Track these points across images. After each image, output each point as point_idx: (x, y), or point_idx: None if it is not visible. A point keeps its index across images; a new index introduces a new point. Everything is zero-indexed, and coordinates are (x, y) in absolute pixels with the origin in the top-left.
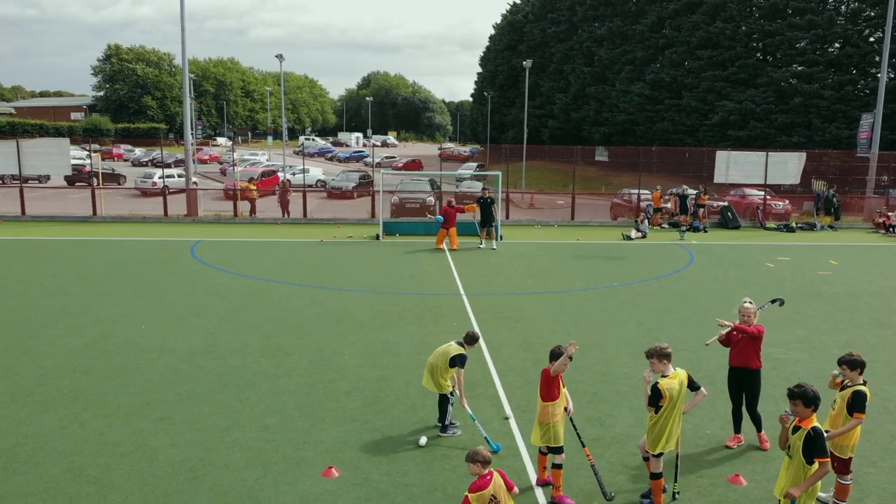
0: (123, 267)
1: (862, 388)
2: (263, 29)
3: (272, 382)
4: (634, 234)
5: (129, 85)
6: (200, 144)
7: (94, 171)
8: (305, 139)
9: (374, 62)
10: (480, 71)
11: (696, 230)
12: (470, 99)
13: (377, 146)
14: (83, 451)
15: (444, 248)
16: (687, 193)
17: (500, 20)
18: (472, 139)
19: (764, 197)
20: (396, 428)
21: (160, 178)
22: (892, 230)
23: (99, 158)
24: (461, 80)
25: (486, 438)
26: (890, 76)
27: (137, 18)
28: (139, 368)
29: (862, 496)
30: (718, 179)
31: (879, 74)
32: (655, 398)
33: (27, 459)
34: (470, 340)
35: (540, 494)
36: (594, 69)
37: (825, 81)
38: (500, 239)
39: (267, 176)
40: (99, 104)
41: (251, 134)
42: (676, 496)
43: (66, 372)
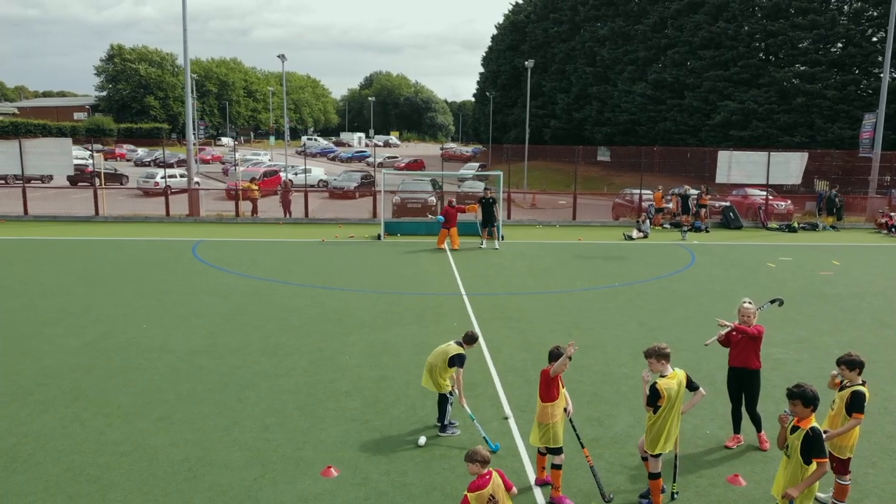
0: (125, 267)
1: (861, 388)
2: (266, 29)
3: (272, 382)
4: (636, 234)
5: (131, 85)
6: (203, 144)
7: (96, 171)
8: (308, 139)
9: (376, 62)
10: (483, 71)
11: (697, 230)
12: (472, 99)
13: (379, 146)
14: (83, 450)
15: (445, 248)
16: (689, 193)
17: (502, 20)
18: (474, 139)
19: (766, 197)
20: (396, 428)
21: (162, 178)
22: (894, 230)
23: (101, 158)
24: (463, 80)
25: (484, 438)
26: (893, 76)
27: (140, 18)
28: (140, 368)
29: (861, 496)
30: (720, 179)
31: (882, 74)
32: (654, 398)
33: (27, 458)
34: (469, 340)
35: (539, 494)
36: (596, 69)
37: (828, 81)
38: (501, 239)
39: (269, 176)
40: (102, 104)
41: (253, 134)
42: (675, 496)
43: (66, 371)
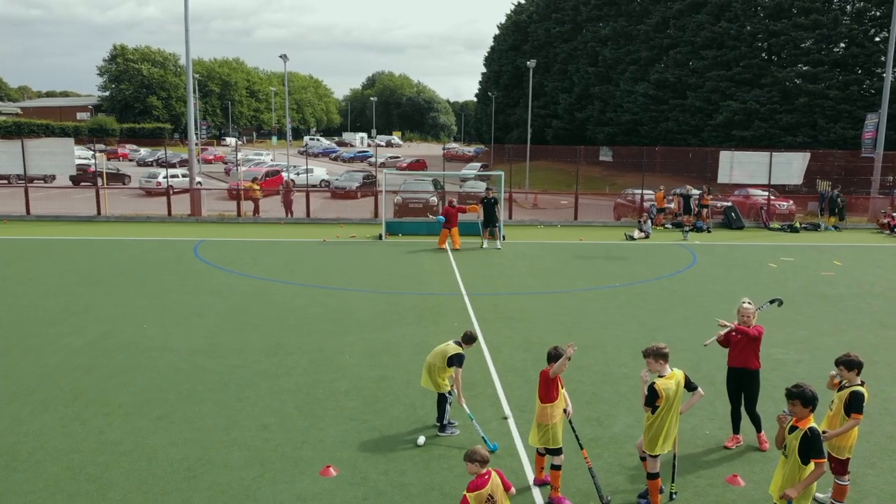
0: (127, 266)
1: (860, 388)
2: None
3: (272, 382)
4: (637, 234)
5: (134, 85)
6: (205, 144)
7: (98, 170)
8: (310, 139)
9: (378, 62)
10: (485, 71)
11: (699, 230)
12: (474, 99)
13: (381, 146)
14: (83, 449)
15: (446, 248)
16: (690, 193)
17: (504, 20)
18: (476, 139)
19: (768, 197)
20: (395, 427)
21: (164, 177)
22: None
23: (104, 158)
24: (466, 80)
25: (483, 438)
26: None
27: (143, 19)
28: (140, 367)
29: (860, 497)
30: (722, 180)
31: (885, 74)
32: (652, 398)
33: (27, 457)
34: (468, 340)
35: (537, 494)
36: (598, 69)
37: (830, 81)
38: (503, 239)
39: (271, 176)
40: (104, 104)
41: (256, 134)
42: (674, 496)
43: (67, 371)
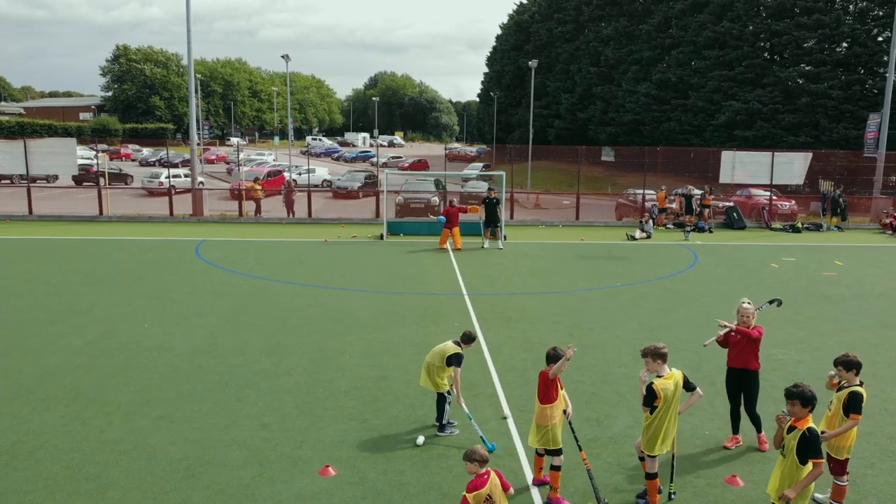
0: (128, 266)
1: (858, 389)
2: (272, 29)
3: (272, 381)
4: (639, 234)
5: (137, 85)
6: (208, 144)
7: (101, 170)
8: (312, 139)
9: (381, 62)
10: (487, 71)
11: (700, 230)
12: (476, 99)
13: (384, 146)
14: (83, 448)
15: (447, 248)
16: (692, 194)
17: (506, 20)
18: (478, 139)
19: (770, 197)
20: (394, 427)
21: (166, 177)
22: None
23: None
24: (468, 80)
25: (481, 438)
26: None
27: (147, 19)
28: (140, 367)
29: (859, 498)
30: (723, 180)
31: (887, 74)
32: (650, 398)
33: (27, 456)
34: (466, 340)
35: (536, 494)
36: (600, 69)
37: (833, 81)
38: (504, 239)
39: (273, 176)
40: (107, 104)
41: (258, 134)
42: (672, 497)
43: (67, 370)
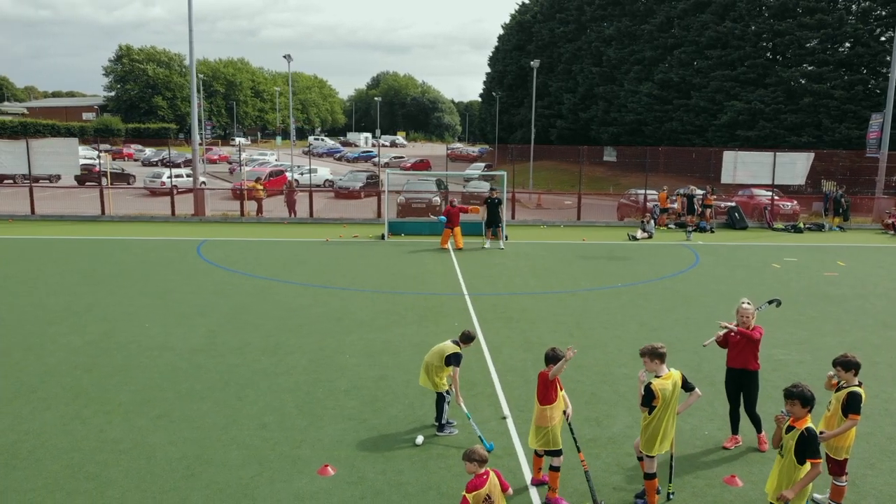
0: (129, 266)
1: (857, 389)
2: (274, 29)
3: (272, 381)
4: (640, 234)
5: (139, 85)
6: (210, 144)
7: (103, 170)
8: (315, 139)
9: (384, 62)
10: (489, 71)
11: (702, 230)
12: (479, 99)
13: (386, 146)
14: (83, 447)
15: (448, 248)
16: (694, 194)
17: (509, 20)
18: (480, 139)
19: (772, 197)
20: (394, 427)
21: (168, 177)
22: None
23: (109, 158)
24: (470, 80)
25: (479, 437)
26: None
27: (150, 19)
28: (140, 366)
29: (859, 498)
30: (725, 180)
31: (890, 74)
32: (648, 399)
33: (27, 455)
34: (465, 339)
35: (535, 494)
36: (602, 69)
37: (835, 81)
38: (505, 239)
39: (275, 176)
40: (110, 104)
41: (260, 134)
42: (671, 497)
43: (68, 370)
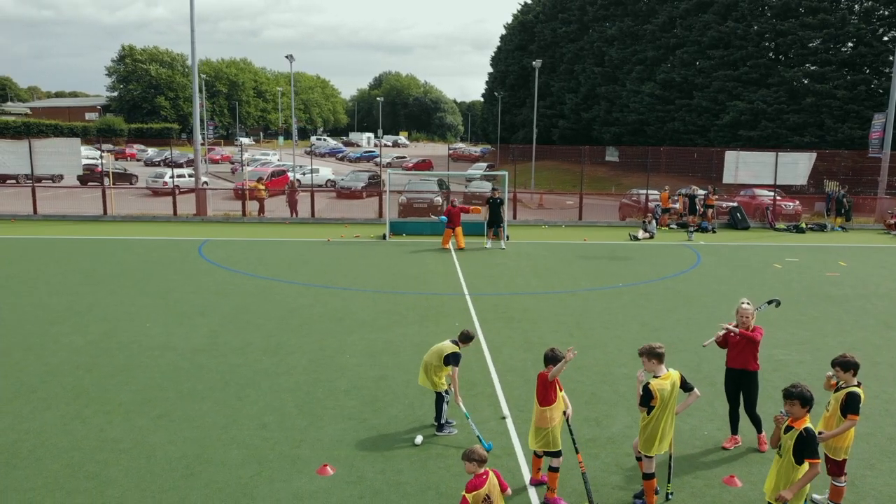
0: (131, 266)
1: (856, 389)
2: (276, 29)
3: (272, 381)
4: (642, 234)
5: (142, 85)
6: (213, 144)
7: (105, 170)
8: (317, 139)
9: (386, 62)
10: (491, 71)
11: (704, 231)
12: (481, 99)
13: (388, 146)
14: (83, 447)
15: (450, 248)
16: (696, 194)
17: (511, 20)
18: (483, 139)
19: (773, 198)
20: (393, 426)
21: (171, 177)
22: None
23: (112, 158)
24: (473, 80)
25: (478, 437)
26: None
27: (152, 19)
28: (141, 366)
29: (858, 499)
30: (727, 180)
31: (893, 74)
32: (646, 399)
33: (28, 455)
34: (464, 339)
35: (533, 494)
36: (605, 69)
37: (838, 81)
38: (507, 239)
39: (277, 176)
40: (113, 104)
41: (263, 134)
42: (670, 497)
43: (69, 369)
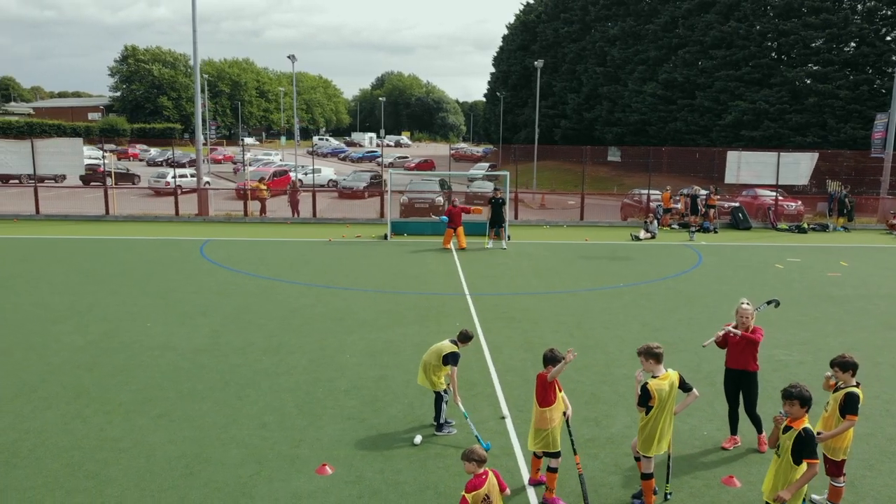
0: (133, 266)
1: (855, 389)
2: (278, 30)
3: (272, 380)
4: (643, 234)
5: (145, 85)
6: (215, 144)
7: (108, 170)
8: (319, 139)
9: (388, 62)
10: (493, 71)
11: (706, 231)
12: (483, 99)
13: (390, 146)
14: (83, 446)
15: (451, 248)
16: (698, 194)
17: (513, 20)
18: (485, 139)
19: (775, 198)
20: (393, 426)
21: (173, 177)
22: None
23: (114, 158)
24: (475, 80)
25: (476, 437)
26: None
27: (154, 19)
28: (142, 366)
29: (857, 499)
30: (729, 180)
31: (895, 74)
32: (644, 399)
33: (28, 454)
34: (463, 339)
35: (532, 494)
36: (607, 69)
37: (840, 81)
38: (508, 239)
39: (279, 176)
40: (116, 104)
41: (265, 134)
42: (668, 497)
43: (70, 369)
